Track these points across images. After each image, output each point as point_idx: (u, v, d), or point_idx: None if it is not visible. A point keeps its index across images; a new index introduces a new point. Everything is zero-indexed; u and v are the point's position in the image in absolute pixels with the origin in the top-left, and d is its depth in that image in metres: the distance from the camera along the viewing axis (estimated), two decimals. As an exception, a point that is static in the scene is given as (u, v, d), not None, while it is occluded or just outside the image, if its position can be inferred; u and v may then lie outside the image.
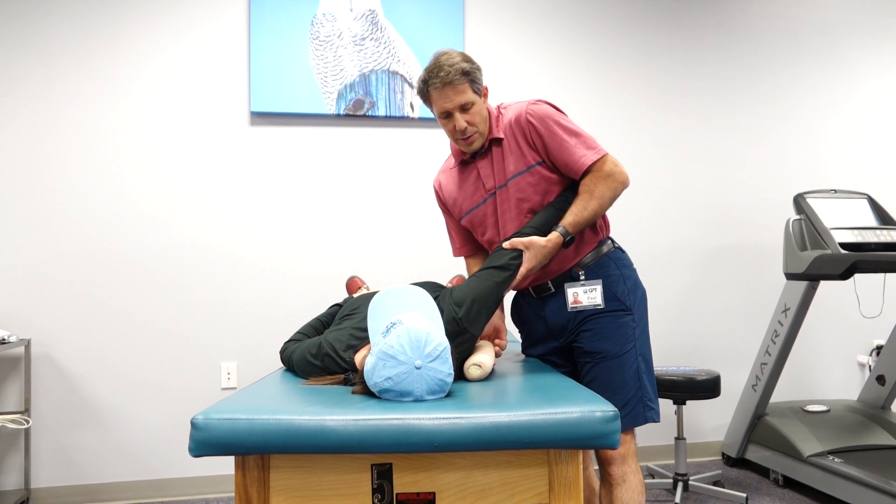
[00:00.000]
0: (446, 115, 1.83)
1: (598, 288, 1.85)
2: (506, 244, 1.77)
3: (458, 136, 1.85)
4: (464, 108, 1.81)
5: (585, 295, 1.86)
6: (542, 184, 1.86)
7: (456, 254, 2.14)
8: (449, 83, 1.77)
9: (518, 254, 1.76)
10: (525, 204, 1.86)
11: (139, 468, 3.01)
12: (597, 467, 2.45)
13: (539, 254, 1.77)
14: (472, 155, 1.93)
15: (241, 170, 3.13)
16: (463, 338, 1.61)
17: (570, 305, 1.86)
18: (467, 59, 1.81)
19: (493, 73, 3.37)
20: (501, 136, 1.88)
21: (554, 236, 1.78)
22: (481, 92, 1.86)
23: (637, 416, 1.82)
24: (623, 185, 1.84)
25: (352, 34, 3.20)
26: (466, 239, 2.09)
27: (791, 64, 3.73)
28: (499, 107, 1.94)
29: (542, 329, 1.95)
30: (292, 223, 3.17)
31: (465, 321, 1.62)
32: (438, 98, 1.81)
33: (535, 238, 1.76)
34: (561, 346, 1.92)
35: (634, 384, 1.83)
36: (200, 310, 3.08)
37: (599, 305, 1.85)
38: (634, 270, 1.95)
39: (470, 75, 1.80)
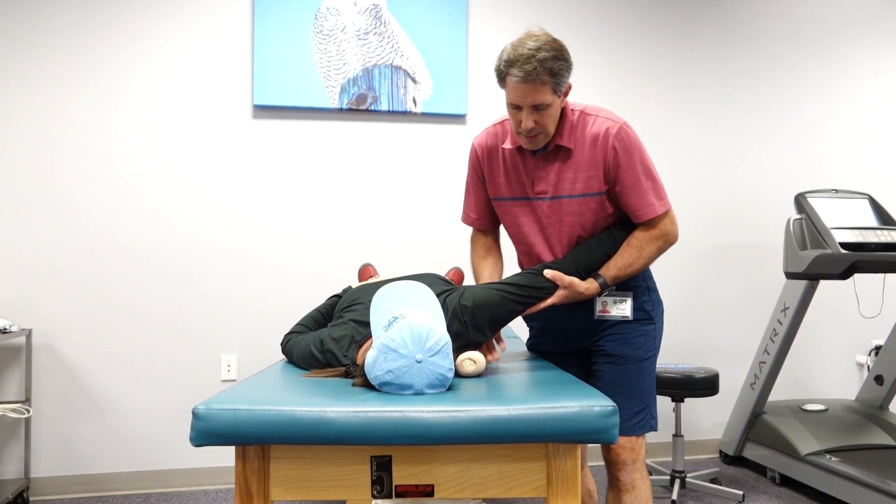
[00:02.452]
0: (516, 107, 1.69)
1: (629, 301, 1.84)
2: (548, 273, 1.70)
3: (520, 131, 1.72)
4: (537, 108, 1.66)
5: (615, 305, 1.84)
6: (601, 212, 1.78)
7: (465, 220, 2.00)
8: (532, 81, 1.62)
9: (554, 287, 1.71)
10: (577, 228, 1.79)
11: (139, 459, 3.02)
12: (591, 463, 2.46)
13: (572, 296, 1.73)
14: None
15: (244, 163, 3.14)
16: (463, 341, 1.61)
17: (598, 314, 1.84)
18: (559, 56, 1.64)
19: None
20: (571, 146, 1.75)
21: (593, 286, 1.74)
22: (562, 92, 1.69)
23: (645, 424, 1.83)
24: (671, 245, 1.80)
25: (355, 28, 3.20)
26: (485, 213, 1.96)
27: (794, 63, 3.73)
28: (581, 111, 1.78)
29: (557, 329, 1.92)
30: (294, 216, 3.18)
31: (471, 331, 1.62)
32: (514, 89, 1.65)
33: (576, 281, 1.71)
34: (576, 349, 1.91)
35: (650, 392, 1.85)
36: (201, 302, 3.09)
37: (628, 317, 1.84)
38: (656, 283, 1.94)
39: (557, 76, 1.64)
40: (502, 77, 1.69)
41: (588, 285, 1.73)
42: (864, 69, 3.84)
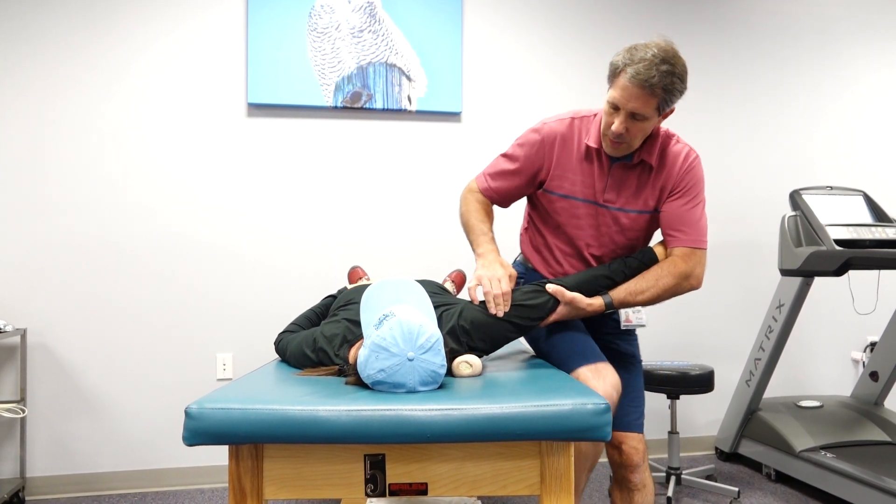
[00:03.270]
0: (614, 107, 1.65)
1: (643, 310, 1.90)
2: (550, 288, 1.68)
3: (609, 132, 1.68)
4: (634, 116, 1.62)
5: (634, 315, 1.89)
6: (650, 229, 1.84)
7: (482, 187, 1.89)
8: (642, 86, 1.57)
9: (555, 303, 1.69)
10: (632, 240, 1.82)
11: (134, 458, 3.02)
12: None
13: (573, 313, 1.71)
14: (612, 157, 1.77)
15: (238, 161, 3.13)
16: (458, 352, 1.61)
17: (623, 324, 1.89)
18: (679, 75, 1.60)
19: (491, 66, 3.37)
20: (654, 164, 1.75)
21: (597, 303, 1.72)
22: (664, 112, 1.66)
23: (644, 423, 1.88)
24: (691, 289, 1.76)
25: (350, 26, 3.19)
26: (509, 196, 1.89)
27: (788, 60, 3.74)
28: (666, 131, 1.79)
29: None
30: (289, 215, 3.18)
31: (471, 350, 1.63)
32: (622, 89, 1.61)
33: (578, 296, 1.68)
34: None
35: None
36: (197, 301, 3.09)
37: (644, 325, 1.93)
38: None
39: (668, 94, 1.60)
40: (616, 73, 1.63)
41: (592, 301, 1.71)
42: (859, 66, 3.84)
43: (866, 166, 3.83)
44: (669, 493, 2.81)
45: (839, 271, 2.73)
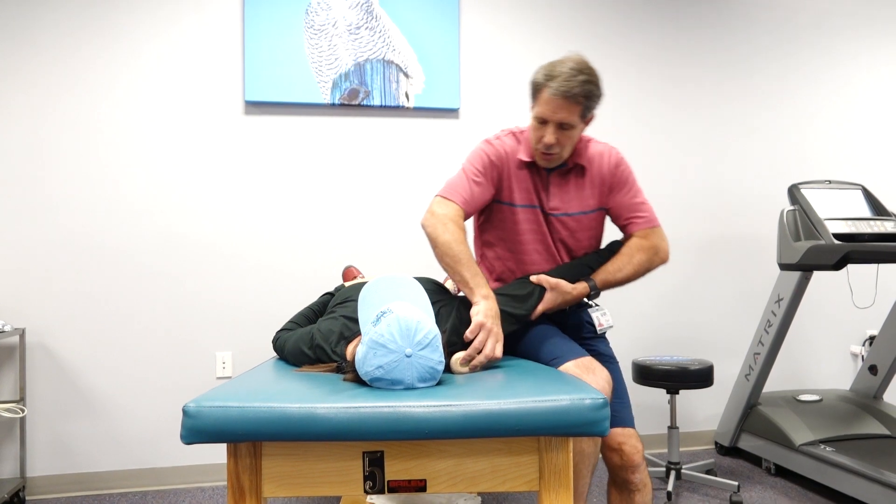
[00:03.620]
0: (542, 122, 1.77)
1: (608, 312, 1.98)
2: (533, 278, 1.75)
3: (540, 147, 1.79)
4: (562, 126, 1.75)
5: (604, 318, 1.96)
6: (600, 228, 1.94)
7: (453, 197, 1.84)
8: (566, 97, 1.70)
9: (541, 291, 1.77)
10: (583, 241, 1.91)
11: (134, 457, 3.02)
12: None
13: (560, 298, 1.79)
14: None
15: (236, 159, 3.13)
16: (457, 348, 1.62)
17: (599, 328, 1.93)
18: (595, 82, 1.74)
19: (488, 62, 3.37)
20: (585, 165, 1.87)
21: (581, 287, 1.81)
22: (587, 119, 1.80)
23: (632, 418, 1.88)
24: (661, 262, 1.89)
25: (346, 23, 3.18)
26: (476, 205, 1.88)
27: (786, 54, 3.73)
28: (586, 137, 1.93)
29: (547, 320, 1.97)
30: (286, 213, 3.17)
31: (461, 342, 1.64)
32: (546, 103, 1.73)
33: (562, 282, 1.77)
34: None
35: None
36: (195, 300, 3.08)
37: (612, 326, 1.98)
38: None
39: (589, 100, 1.74)
40: (538, 90, 1.76)
41: (576, 286, 1.80)
42: (857, 60, 3.84)
43: (865, 160, 3.83)
44: (669, 488, 2.81)
45: (838, 265, 2.73)
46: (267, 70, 3.10)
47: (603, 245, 2.03)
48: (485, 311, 1.62)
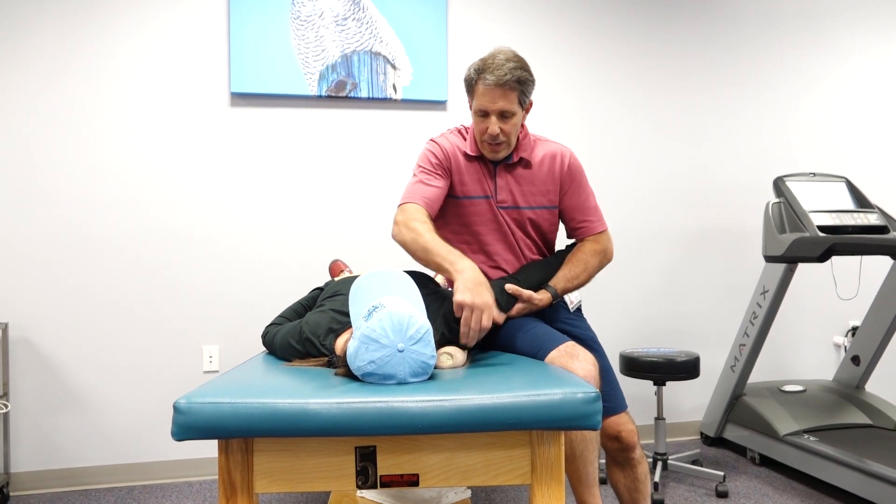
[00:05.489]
0: (483, 114, 1.81)
1: (575, 291, 2.02)
2: (508, 288, 1.81)
3: (486, 139, 1.83)
4: (503, 115, 1.79)
5: (573, 294, 2.03)
6: (553, 224, 2.00)
7: (414, 199, 1.84)
8: (501, 85, 1.76)
9: (514, 300, 1.83)
10: (533, 235, 1.96)
11: (121, 452, 3.00)
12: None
13: (527, 308, 1.86)
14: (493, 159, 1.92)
15: (222, 151, 3.10)
16: (447, 341, 1.63)
17: (571, 306, 2.00)
18: (526, 69, 1.79)
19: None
20: (531, 160, 1.92)
21: (546, 297, 1.87)
22: (526, 106, 1.85)
23: (623, 399, 1.92)
24: (608, 262, 2.00)
25: (333, 14, 3.15)
26: (434, 196, 1.87)
27: (771, 45, 3.75)
28: (535, 136, 1.98)
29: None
30: (273, 205, 3.15)
31: (454, 337, 1.65)
32: (483, 95, 1.78)
33: (535, 295, 1.84)
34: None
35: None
36: (182, 293, 3.06)
37: (581, 299, 2.03)
38: None
39: (523, 85, 1.79)
40: (473, 84, 1.81)
41: (541, 296, 1.86)
42: (843, 51, 3.86)
43: (849, 152, 3.87)
44: (656, 479, 2.84)
45: (822, 257, 2.76)
46: (253, 61, 3.06)
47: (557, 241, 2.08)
48: (463, 285, 1.59)
